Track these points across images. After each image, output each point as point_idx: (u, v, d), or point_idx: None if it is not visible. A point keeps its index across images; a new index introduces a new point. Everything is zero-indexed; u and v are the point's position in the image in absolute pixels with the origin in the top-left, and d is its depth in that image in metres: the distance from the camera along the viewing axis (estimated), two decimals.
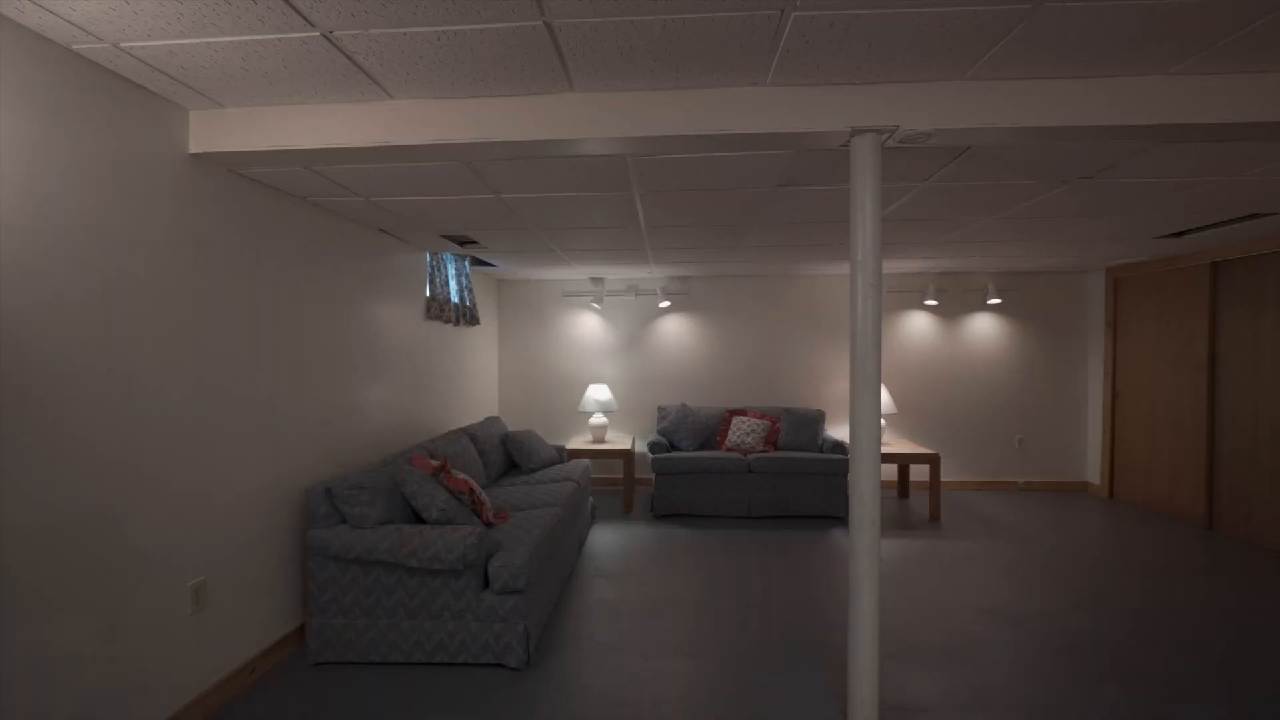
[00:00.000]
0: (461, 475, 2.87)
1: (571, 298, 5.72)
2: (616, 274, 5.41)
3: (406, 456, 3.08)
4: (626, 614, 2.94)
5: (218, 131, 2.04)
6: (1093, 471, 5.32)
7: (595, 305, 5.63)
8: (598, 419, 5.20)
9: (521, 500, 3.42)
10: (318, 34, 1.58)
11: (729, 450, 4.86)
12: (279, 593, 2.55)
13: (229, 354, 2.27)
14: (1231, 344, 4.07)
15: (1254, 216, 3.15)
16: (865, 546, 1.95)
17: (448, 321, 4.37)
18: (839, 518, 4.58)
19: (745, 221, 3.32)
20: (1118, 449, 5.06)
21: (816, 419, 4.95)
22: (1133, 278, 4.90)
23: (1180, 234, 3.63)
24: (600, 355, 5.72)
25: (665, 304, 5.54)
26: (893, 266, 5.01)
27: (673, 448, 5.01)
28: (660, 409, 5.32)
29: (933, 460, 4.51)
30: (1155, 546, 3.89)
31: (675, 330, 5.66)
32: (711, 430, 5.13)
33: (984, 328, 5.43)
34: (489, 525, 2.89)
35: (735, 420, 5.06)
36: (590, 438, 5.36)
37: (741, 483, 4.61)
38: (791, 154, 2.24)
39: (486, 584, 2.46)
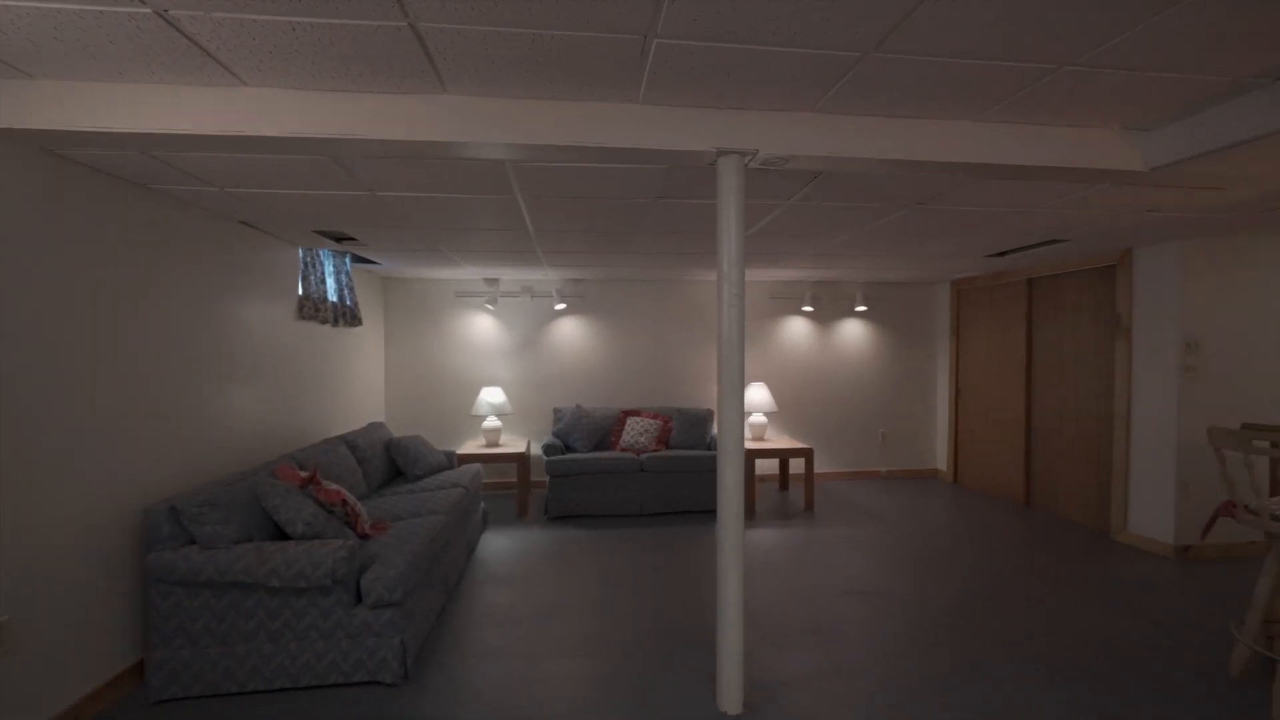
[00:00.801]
0: (334, 486, 2.72)
1: (464, 298, 5.57)
2: (511, 275, 5.34)
3: (271, 468, 2.86)
4: (517, 618, 2.94)
5: (23, 105, 1.80)
6: (941, 460, 6.04)
7: (489, 306, 5.52)
8: (491, 422, 5.10)
9: (404, 509, 3.29)
10: (149, 10, 1.45)
11: (623, 450, 4.98)
12: (112, 626, 2.27)
13: (49, 358, 2.00)
14: (1042, 348, 4.81)
15: (1053, 242, 3.75)
16: (730, 538, 2.10)
17: (324, 322, 4.10)
18: None
19: (631, 229, 3.43)
20: (960, 440, 5.78)
21: (705, 418, 5.20)
22: (971, 290, 5.62)
23: (1003, 254, 4.23)
24: (495, 357, 5.62)
25: (561, 306, 5.56)
26: (773, 275, 5.37)
27: (568, 449, 5.03)
28: (556, 411, 5.32)
29: (807, 454, 4.89)
30: (985, 524, 4.50)
31: (571, 332, 5.69)
32: (606, 431, 5.22)
33: (853, 332, 5.97)
34: (365, 537, 2.76)
35: (629, 421, 5.18)
36: (483, 441, 5.25)
37: (635, 482, 4.74)
38: (665, 169, 2.36)
39: (360, 599, 2.35)
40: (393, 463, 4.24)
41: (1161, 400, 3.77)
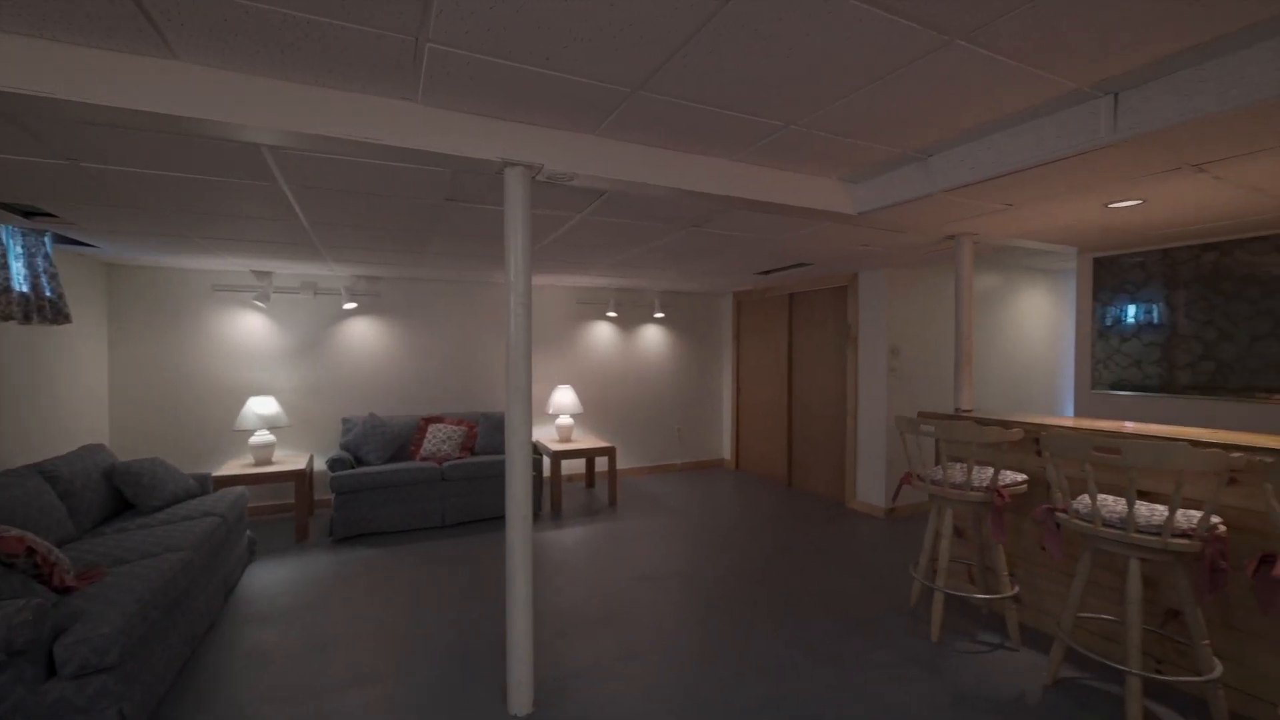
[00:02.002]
0: (14, 533, 2.14)
1: (225, 293, 4.75)
2: (288, 269, 4.71)
3: None
4: (287, 656, 2.61)
5: None
6: (726, 450, 6.83)
7: (259, 303, 4.79)
8: (261, 437, 4.44)
9: (132, 549, 2.71)
10: None
11: (423, 460, 4.71)
12: None
13: None
14: (800, 352, 5.73)
15: (802, 265, 4.51)
16: (519, 542, 2.14)
17: (8, 318, 3.18)
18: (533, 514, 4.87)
19: (425, 229, 3.28)
20: (741, 432, 6.60)
21: None
22: (748, 301, 6.46)
23: (768, 272, 4.95)
24: (267, 362, 4.89)
25: (351, 305, 5.06)
26: (579, 281, 5.56)
27: (359, 462, 4.61)
28: (345, 421, 4.83)
29: (610, 452, 5.16)
30: (757, 505, 5.21)
31: (364, 333, 5.22)
32: (405, 440, 4.89)
33: (653, 337, 6.45)
34: (66, 591, 2.22)
35: (431, 428, 4.93)
36: (251, 460, 4.55)
37: (435, 492, 4.52)
38: (451, 172, 2.32)
39: (54, 671, 1.89)
40: (118, 493, 3.45)
41: (876, 394, 4.76)
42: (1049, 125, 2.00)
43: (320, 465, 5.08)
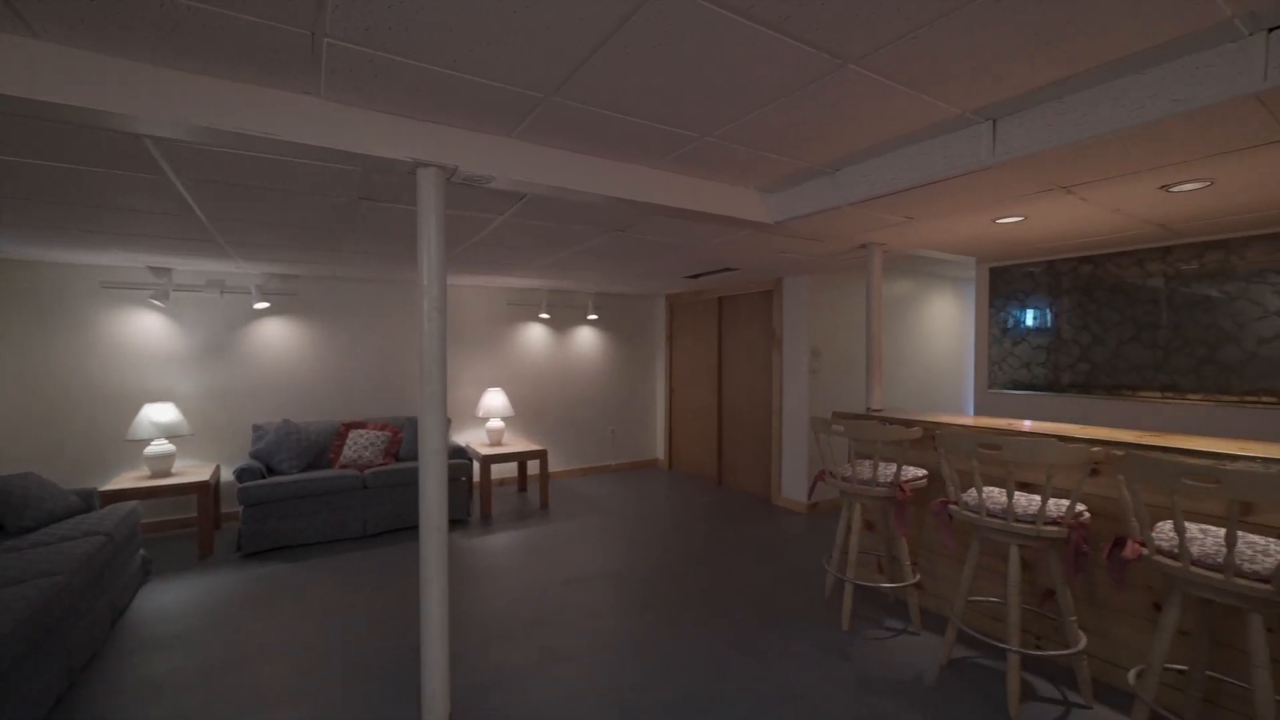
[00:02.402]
0: None
1: (116, 290, 4.36)
2: (189, 266, 4.38)
3: None
4: (180, 685, 2.43)
5: None
6: (660, 451, 6.92)
7: (157, 302, 4.43)
8: (159, 447, 4.11)
9: None
10: None
11: (344, 467, 4.51)
12: None
13: None
14: (729, 354, 5.89)
15: (728, 269, 4.64)
16: (433, 550, 2.10)
17: None
18: (460, 520, 4.76)
19: (339, 228, 3.14)
20: (674, 432, 6.71)
21: None
22: (680, 304, 6.57)
23: (696, 276, 5.07)
24: (165, 366, 4.53)
25: (263, 304, 4.76)
26: (510, 282, 5.48)
27: (271, 471, 4.35)
28: (256, 428, 4.54)
29: (542, 455, 5.12)
30: (688, 503, 5.31)
31: (278, 335, 4.93)
32: (323, 447, 4.66)
33: (586, 339, 6.45)
34: None
35: (352, 434, 4.71)
36: (147, 471, 4.21)
37: (356, 500, 4.33)
38: (362, 170, 2.24)
39: None
40: None
41: (798, 395, 4.97)
42: (938, 147, 2.16)
43: (228, 475, 4.75)
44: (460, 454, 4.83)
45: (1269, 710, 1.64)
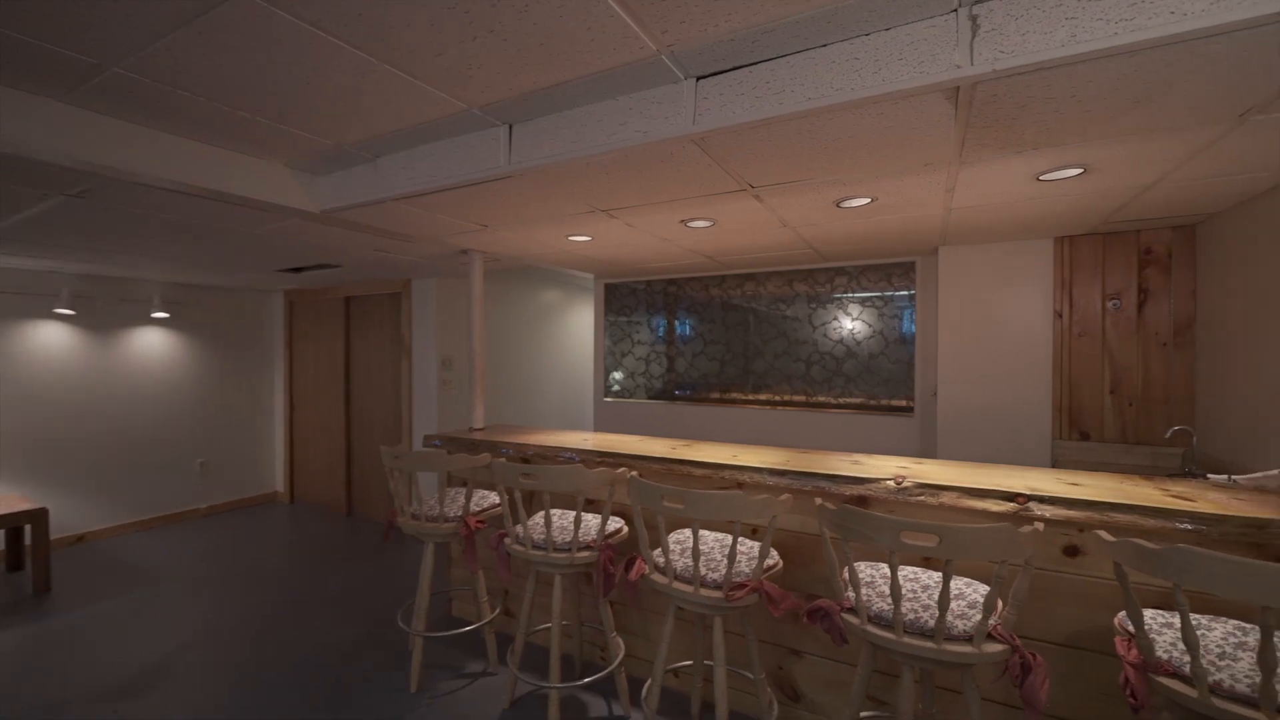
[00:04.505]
0: None
1: None
2: None
3: None
4: None
5: None
6: (279, 480, 5.65)
7: None
8: None
9: None
10: None
11: None
12: None
13: None
14: (358, 363, 5.08)
15: (329, 266, 3.89)
16: None
17: None
18: None
19: None
20: (296, 457, 5.54)
21: None
22: (301, 302, 5.45)
23: (299, 270, 4.15)
24: None
25: None
26: (13, 262, 3.64)
27: None
28: None
29: (37, 517, 3.50)
30: (302, 543, 4.34)
31: None
32: None
33: (152, 344, 4.80)
34: None
35: None
36: None
37: None
38: None
39: None
40: None
41: (430, 410, 4.51)
42: (459, 148, 1.92)
43: None
44: None
45: (724, 690, 1.81)
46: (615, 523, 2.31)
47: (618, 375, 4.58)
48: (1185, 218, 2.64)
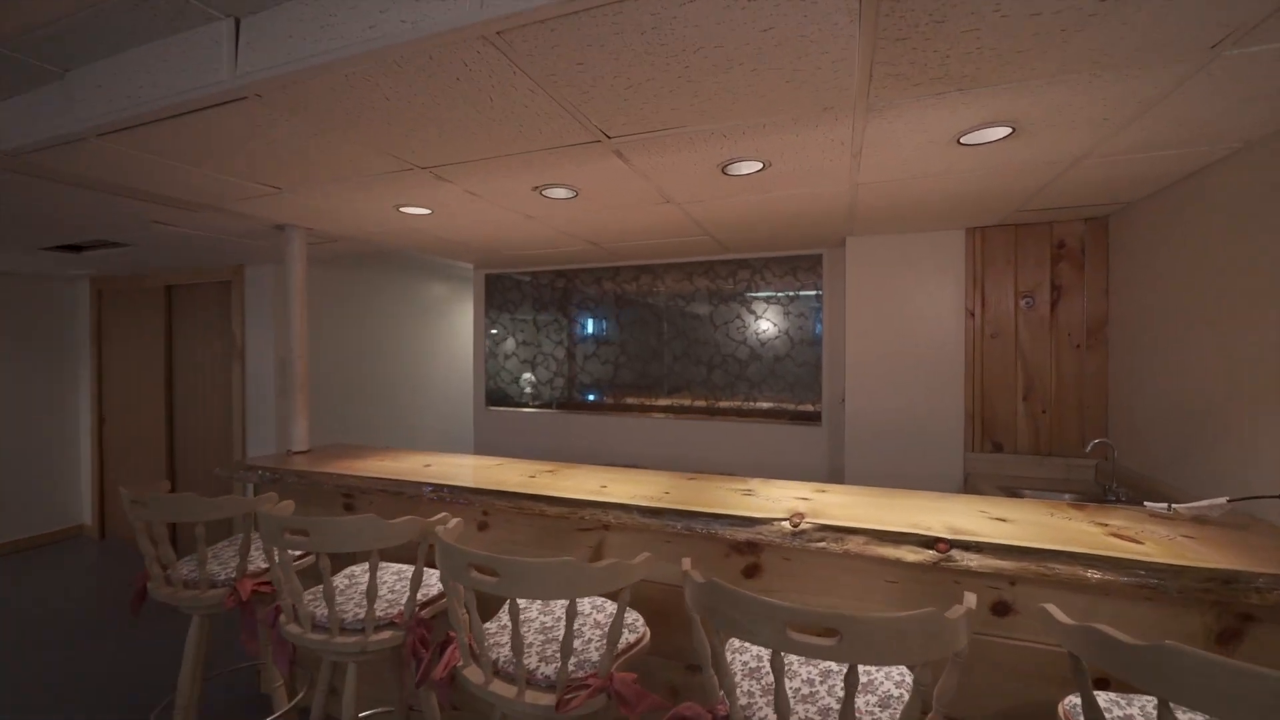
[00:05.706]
0: None
1: None
2: None
3: None
4: None
5: None
6: (86, 511, 4.60)
7: None
8: None
9: None
10: None
11: None
12: None
13: None
14: (183, 364, 4.16)
15: (114, 244, 3.05)
16: None
17: None
18: None
19: None
20: (107, 481, 4.52)
21: None
22: (111, 291, 4.44)
23: (78, 250, 3.25)
24: None
25: None
26: None
27: None
28: None
29: None
30: (117, 586, 3.42)
31: None
32: None
33: None
34: None
35: None
36: None
37: None
38: None
39: None
40: None
41: (267, 421, 3.72)
42: (170, 51, 1.29)
43: None
44: None
45: None
46: (436, 587, 1.74)
47: (529, 376, 3.96)
48: (1098, 207, 2.42)
